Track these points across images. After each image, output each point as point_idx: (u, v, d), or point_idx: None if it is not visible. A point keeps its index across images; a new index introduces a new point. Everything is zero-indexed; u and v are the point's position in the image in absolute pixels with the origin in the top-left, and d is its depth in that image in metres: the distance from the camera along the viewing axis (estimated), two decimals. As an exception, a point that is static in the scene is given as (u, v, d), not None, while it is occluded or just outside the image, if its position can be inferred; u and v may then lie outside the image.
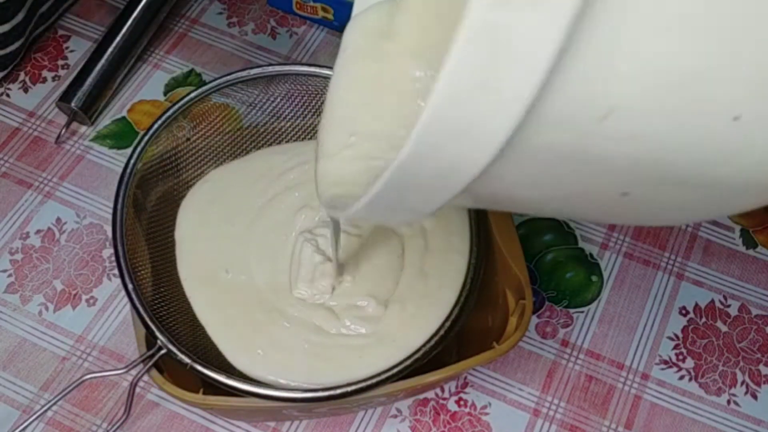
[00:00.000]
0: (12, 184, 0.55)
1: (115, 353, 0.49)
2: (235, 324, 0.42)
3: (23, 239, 0.53)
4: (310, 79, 0.46)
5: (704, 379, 0.50)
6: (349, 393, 0.38)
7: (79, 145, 0.56)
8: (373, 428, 0.48)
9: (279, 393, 0.39)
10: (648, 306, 0.52)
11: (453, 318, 0.41)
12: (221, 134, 0.47)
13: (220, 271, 0.44)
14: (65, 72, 0.60)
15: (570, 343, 0.51)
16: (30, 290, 0.51)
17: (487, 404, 0.49)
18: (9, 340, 0.49)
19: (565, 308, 0.52)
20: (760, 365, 0.51)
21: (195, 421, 0.48)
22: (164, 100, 0.59)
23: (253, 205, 0.46)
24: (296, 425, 0.48)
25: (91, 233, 0.53)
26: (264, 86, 0.46)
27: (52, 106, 0.58)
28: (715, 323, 0.52)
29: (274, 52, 0.61)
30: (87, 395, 0.48)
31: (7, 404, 0.47)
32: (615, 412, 0.49)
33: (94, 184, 0.55)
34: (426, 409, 0.49)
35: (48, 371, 0.49)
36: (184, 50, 0.61)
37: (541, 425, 0.48)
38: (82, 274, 0.52)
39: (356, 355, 0.41)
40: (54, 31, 0.61)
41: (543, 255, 0.54)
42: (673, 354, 0.51)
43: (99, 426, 0.47)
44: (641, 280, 0.53)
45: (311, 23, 0.63)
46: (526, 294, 0.41)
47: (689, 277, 0.54)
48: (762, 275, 0.54)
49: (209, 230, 0.45)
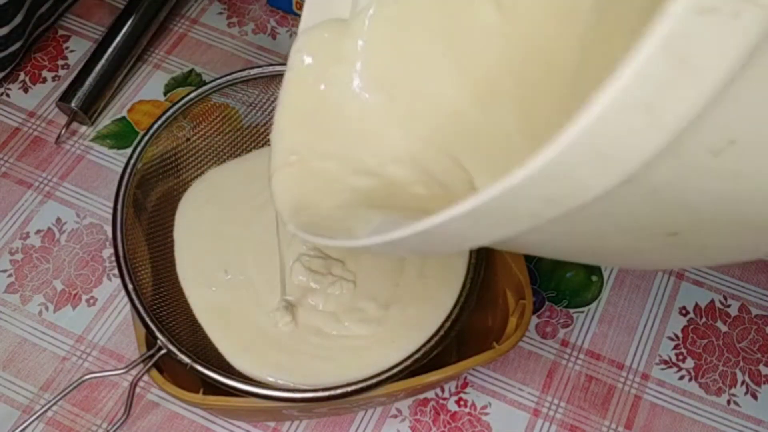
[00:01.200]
0: (12, 184, 0.55)
1: (115, 353, 0.49)
2: (234, 324, 0.42)
3: (23, 239, 0.53)
4: (310, 79, 0.46)
5: (704, 379, 0.50)
6: (349, 393, 0.39)
7: (79, 145, 0.56)
8: (373, 428, 0.48)
9: (279, 393, 0.39)
10: (648, 306, 0.53)
11: (453, 318, 0.41)
12: (221, 134, 0.47)
13: (219, 271, 0.44)
14: (65, 72, 0.60)
15: (570, 343, 0.51)
16: (30, 290, 0.51)
17: (487, 404, 0.49)
18: (9, 340, 0.49)
19: (565, 308, 0.52)
20: (760, 365, 0.51)
21: (195, 421, 0.48)
22: (164, 100, 0.59)
23: (252, 206, 0.46)
24: (296, 425, 0.48)
25: (91, 233, 0.53)
26: (264, 86, 0.46)
27: (52, 106, 0.58)
28: (715, 323, 0.52)
29: (274, 52, 0.61)
30: (87, 395, 0.48)
31: (7, 404, 0.47)
32: (615, 412, 0.49)
33: (94, 184, 0.55)
34: (426, 409, 0.49)
35: (48, 371, 0.49)
36: (184, 50, 0.61)
37: (541, 425, 0.48)
38: (82, 274, 0.52)
39: (356, 355, 0.41)
40: (54, 31, 0.61)
41: (543, 255, 0.54)
42: (673, 354, 0.51)
43: (99, 426, 0.47)
44: (641, 280, 0.53)
45: (311, 23, 0.63)
46: (526, 294, 0.41)
47: (689, 277, 0.54)
48: (762, 275, 0.54)
49: (208, 230, 0.45)
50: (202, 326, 0.42)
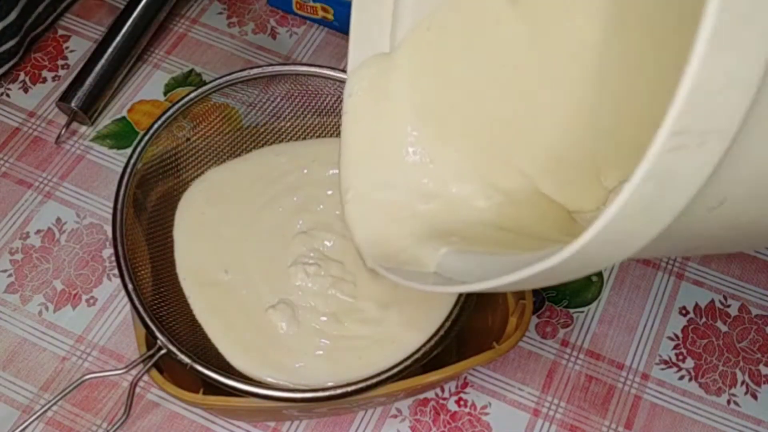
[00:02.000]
0: (12, 184, 0.55)
1: (115, 353, 0.49)
2: (234, 324, 0.42)
3: (23, 239, 0.53)
4: (310, 79, 0.46)
5: (704, 379, 0.50)
6: (349, 393, 0.38)
7: (79, 145, 0.56)
8: (373, 428, 0.48)
9: (279, 393, 0.39)
10: (648, 306, 0.53)
11: (453, 318, 0.41)
12: (221, 134, 0.47)
13: (219, 271, 0.44)
14: (65, 72, 0.60)
15: (570, 343, 0.51)
16: (30, 290, 0.51)
17: (487, 404, 0.49)
18: (9, 340, 0.49)
19: (565, 308, 0.52)
20: (760, 365, 0.51)
21: (195, 421, 0.48)
22: (164, 100, 0.59)
23: (252, 206, 0.46)
24: (296, 425, 0.48)
25: (91, 233, 0.53)
26: (264, 86, 0.46)
27: (52, 106, 0.58)
28: (715, 323, 0.52)
29: (274, 52, 0.61)
30: (87, 395, 0.48)
31: (7, 404, 0.47)
32: (615, 412, 0.49)
33: (94, 184, 0.55)
34: (426, 409, 0.49)
35: (48, 371, 0.49)
36: (184, 50, 0.61)
37: (541, 425, 0.48)
38: (82, 274, 0.52)
39: (356, 355, 0.41)
40: (54, 31, 0.61)
41: (543, 255, 0.54)
42: (673, 354, 0.51)
43: (99, 426, 0.47)
44: (641, 280, 0.53)
45: (311, 23, 0.63)
46: (526, 294, 0.41)
47: (689, 277, 0.54)
48: (762, 275, 0.54)
49: (208, 230, 0.45)
50: (202, 326, 0.42)
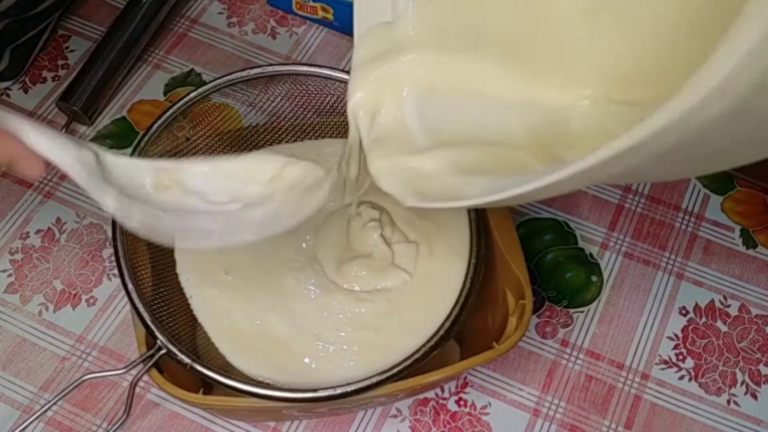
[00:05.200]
0: (12, 184, 0.55)
1: (115, 353, 0.49)
2: (234, 325, 0.42)
3: (23, 239, 0.53)
4: (310, 79, 0.46)
5: (704, 379, 0.50)
6: (349, 393, 0.38)
7: (79, 145, 0.56)
8: (373, 428, 0.48)
9: (279, 393, 0.38)
10: (648, 306, 0.52)
11: (453, 318, 0.41)
12: (221, 134, 0.47)
13: (220, 272, 0.44)
14: (65, 72, 0.60)
15: (570, 343, 0.51)
16: (30, 290, 0.51)
17: (487, 404, 0.49)
18: (9, 340, 0.49)
19: (565, 308, 0.52)
20: (760, 365, 0.51)
21: (195, 421, 0.48)
22: (164, 100, 0.59)
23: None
24: (296, 425, 0.48)
25: (91, 233, 0.53)
26: (264, 86, 0.46)
27: (52, 106, 0.58)
28: (715, 323, 0.52)
29: (274, 52, 0.61)
30: (87, 395, 0.48)
31: (7, 404, 0.47)
32: (615, 412, 0.49)
33: (94, 184, 0.55)
34: (426, 409, 0.49)
35: (48, 371, 0.49)
36: (184, 50, 0.61)
37: (541, 425, 0.48)
38: (82, 274, 0.52)
39: (356, 356, 0.41)
40: (54, 31, 0.61)
41: (543, 255, 0.54)
42: (673, 354, 0.51)
43: (99, 426, 0.47)
44: (641, 280, 0.53)
45: (311, 23, 0.63)
46: (525, 294, 0.41)
47: (689, 277, 0.54)
48: (762, 275, 0.54)
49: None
50: (202, 326, 0.42)
